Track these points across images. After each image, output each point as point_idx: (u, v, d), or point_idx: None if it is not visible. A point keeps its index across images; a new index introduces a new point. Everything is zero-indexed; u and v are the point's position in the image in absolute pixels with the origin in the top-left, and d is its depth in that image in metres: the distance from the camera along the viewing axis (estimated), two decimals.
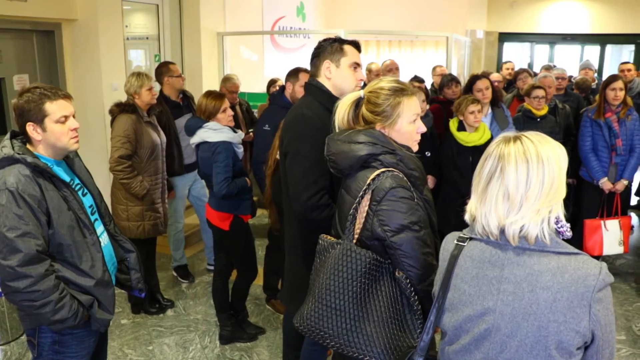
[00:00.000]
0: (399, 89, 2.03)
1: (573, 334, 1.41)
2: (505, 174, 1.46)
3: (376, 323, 1.84)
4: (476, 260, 1.53)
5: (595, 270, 1.41)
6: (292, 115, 2.55)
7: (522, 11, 11.66)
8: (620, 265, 5.56)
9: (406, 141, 2.06)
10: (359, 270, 1.83)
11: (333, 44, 2.54)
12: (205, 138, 3.68)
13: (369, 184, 1.89)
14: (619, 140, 4.72)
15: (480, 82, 4.65)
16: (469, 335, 1.53)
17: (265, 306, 4.54)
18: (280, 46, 9.54)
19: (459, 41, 8.84)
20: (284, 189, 2.62)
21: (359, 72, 2.59)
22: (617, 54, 12.09)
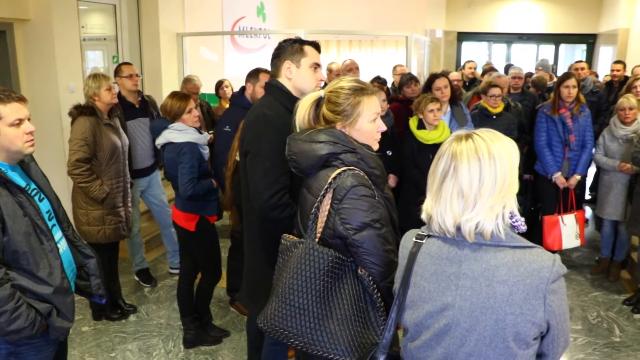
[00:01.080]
0: (359, 89, 2.04)
1: (529, 325, 1.45)
2: (459, 172, 1.49)
3: (340, 321, 1.85)
4: (434, 257, 1.56)
5: (549, 263, 1.45)
6: (253, 115, 2.54)
7: (479, 11, 11.89)
8: (576, 258, 5.73)
9: (367, 140, 2.07)
10: (321, 269, 1.84)
11: (293, 44, 2.55)
12: (171, 139, 3.65)
13: (330, 183, 1.90)
14: (572, 136, 4.86)
15: (439, 81, 4.71)
16: (430, 331, 1.55)
17: (229, 308, 4.51)
18: (240, 47, 9.50)
19: (419, 41, 8.95)
20: (244, 189, 2.61)
21: (319, 73, 2.60)
22: (570, 53, 12.43)
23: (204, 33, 7.81)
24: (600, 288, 5.04)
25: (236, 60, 9.24)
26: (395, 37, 10.58)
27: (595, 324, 4.39)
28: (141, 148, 4.72)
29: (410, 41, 7.08)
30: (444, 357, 1.53)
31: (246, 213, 2.69)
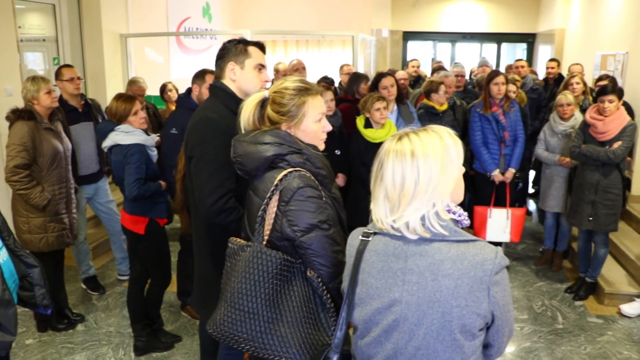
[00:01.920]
0: (303, 89, 2.03)
1: (475, 317, 1.48)
2: (384, 174, 1.52)
3: (290, 324, 1.84)
4: (381, 254, 1.57)
5: (491, 255, 1.48)
6: (197, 118, 2.51)
7: (424, 11, 12.10)
8: (522, 250, 5.91)
9: (312, 140, 2.07)
10: (270, 272, 1.83)
11: (237, 45, 2.52)
12: (117, 141, 3.58)
13: (277, 185, 1.89)
14: (506, 133, 5.01)
15: (386, 80, 4.76)
16: (379, 327, 1.57)
17: (180, 313, 4.45)
18: (186, 48, 9.37)
19: (365, 40, 9.03)
20: (190, 193, 2.58)
21: (264, 74, 2.58)
22: (511, 51, 12.81)
23: (148, 34, 7.67)
24: (544, 278, 5.22)
25: (182, 61, 9.11)
26: (341, 36, 10.65)
27: (540, 312, 4.54)
28: (85, 153, 4.59)
29: (357, 41, 7.14)
30: (394, 352, 1.55)
31: (194, 217, 2.66)
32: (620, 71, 6.66)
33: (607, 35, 7.55)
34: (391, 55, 11.78)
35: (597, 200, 4.48)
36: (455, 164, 1.53)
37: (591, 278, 4.82)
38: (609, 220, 4.51)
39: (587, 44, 8.63)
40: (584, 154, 4.49)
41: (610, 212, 4.49)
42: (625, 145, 4.36)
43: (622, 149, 4.35)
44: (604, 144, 4.44)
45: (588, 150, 4.46)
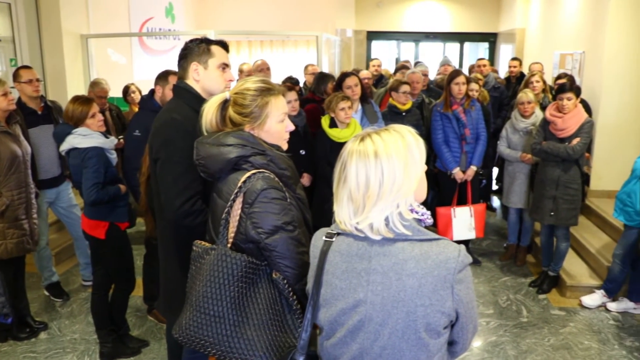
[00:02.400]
0: (265, 89, 2.02)
1: (439, 315, 1.50)
2: (348, 175, 1.51)
3: (256, 326, 1.83)
4: (344, 254, 1.57)
5: (454, 253, 1.49)
6: (161, 120, 2.47)
7: (388, 11, 12.18)
8: (487, 246, 6.01)
9: (276, 140, 2.06)
10: (235, 274, 1.81)
11: (200, 44, 2.49)
12: (75, 144, 3.52)
13: (240, 187, 1.88)
14: (467, 130, 5.08)
15: (350, 80, 4.78)
16: (344, 328, 1.57)
17: (147, 317, 4.39)
18: (149, 48, 9.25)
19: (329, 40, 9.07)
20: (156, 196, 2.54)
21: (227, 73, 2.56)
22: (474, 50, 13.00)
23: (110, 35, 7.55)
24: (509, 273, 5.32)
25: (145, 62, 8.99)
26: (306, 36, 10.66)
27: (505, 307, 4.63)
28: (46, 157, 4.49)
29: (321, 41, 7.16)
30: (359, 352, 1.55)
31: (159, 220, 2.62)
32: (578, 70, 6.82)
33: (565, 35, 7.72)
34: (355, 55, 11.84)
35: (558, 195, 4.59)
36: (418, 163, 1.54)
37: (554, 272, 4.93)
38: (570, 214, 4.63)
39: (546, 43, 8.81)
40: (545, 150, 4.59)
41: (570, 207, 4.61)
42: (584, 141, 4.48)
43: (581, 145, 4.47)
44: (564, 140, 4.55)
45: (548, 147, 4.56)
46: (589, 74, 6.54)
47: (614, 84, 6.08)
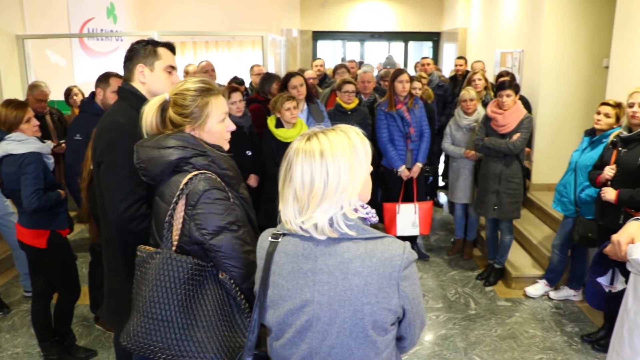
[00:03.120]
0: (205, 89, 2.01)
1: (386, 313, 1.51)
2: (293, 174, 1.50)
3: (206, 328, 1.82)
4: (290, 255, 1.56)
5: (399, 251, 1.51)
6: (106, 123, 2.41)
7: (333, 11, 12.26)
8: (434, 241, 6.13)
9: (217, 140, 2.05)
10: (181, 277, 1.80)
11: (146, 46, 2.45)
12: (10, 150, 3.39)
13: (182, 189, 1.86)
14: (411, 129, 5.17)
15: (295, 79, 4.78)
16: (293, 329, 1.57)
17: (94, 326, 4.27)
18: (91, 50, 9.01)
19: (275, 40, 9.04)
20: (99, 200, 2.48)
21: (174, 76, 2.52)
22: (418, 49, 13.23)
23: (48, 35, 7.30)
24: (456, 267, 5.44)
25: (87, 64, 8.74)
26: (251, 37, 10.60)
27: (454, 300, 4.73)
28: None
29: (266, 41, 7.14)
30: (309, 352, 1.55)
31: (103, 225, 2.56)
32: (518, 68, 7.04)
33: (505, 34, 7.95)
34: (301, 55, 11.87)
35: (501, 189, 4.72)
36: (363, 164, 1.54)
37: (499, 264, 5.07)
38: (512, 208, 4.77)
39: (487, 42, 9.04)
40: (487, 146, 4.72)
41: (513, 201, 4.74)
42: (524, 136, 4.62)
43: (521, 140, 4.61)
44: (504, 136, 4.68)
45: (490, 143, 4.69)
46: (528, 72, 6.76)
47: (552, 81, 6.31)
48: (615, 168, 3.67)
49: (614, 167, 3.68)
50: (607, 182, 3.71)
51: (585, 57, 6.24)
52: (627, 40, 4.45)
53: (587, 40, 6.20)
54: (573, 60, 6.26)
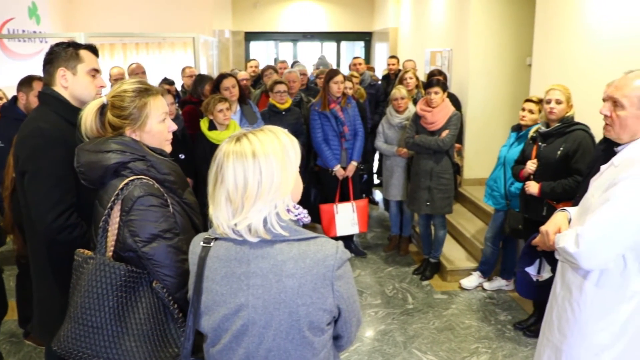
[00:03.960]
0: (143, 90, 1.98)
1: (321, 313, 1.52)
2: (225, 176, 1.49)
3: (136, 337, 1.78)
4: (223, 259, 1.55)
5: (332, 251, 1.52)
6: (28, 129, 2.31)
7: (265, 11, 12.21)
8: (371, 238, 6.21)
9: (159, 142, 2.02)
10: (114, 284, 1.76)
11: (67, 49, 2.37)
12: None
13: (118, 194, 1.82)
14: (345, 127, 5.22)
15: (227, 81, 4.74)
16: (229, 334, 1.55)
17: (24, 342, 4.08)
18: (12, 52, 8.61)
19: (207, 41, 8.93)
20: (25, 210, 2.37)
21: (98, 79, 2.45)
22: (350, 49, 13.38)
23: None
24: (393, 263, 5.53)
25: (8, 67, 8.35)
26: (182, 38, 10.42)
27: (391, 296, 4.81)
28: None
29: (198, 42, 7.03)
30: (246, 356, 1.54)
31: (30, 237, 2.45)
32: (447, 66, 7.23)
33: (434, 34, 8.15)
34: (234, 56, 11.77)
35: (432, 185, 4.83)
36: (293, 163, 1.55)
37: (434, 258, 5.20)
38: (444, 203, 4.90)
39: (417, 41, 9.24)
40: (417, 143, 4.82)
41: (444, 196, 4.87)
42: (452, 133, 4.75)
43: (450, 137, 4.74)
44: (434, 133, 4.80)
45: (420, 140, 4.79)
46: (457, 70, 6.96)
47: (479, 79, 6.53)
48: (536, 162, 3.84)
49: (535, 162, 3.85)
50: (529, 176, 3.88)
51: (510, 56, 6.49)
52: (547, 40, 4.66)
53: (511, 39, 6.45)
54: (499, 58, 6.50)
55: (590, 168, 2.93)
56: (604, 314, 2.13)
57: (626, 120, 2.08)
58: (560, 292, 2.30)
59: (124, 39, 10.68)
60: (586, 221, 2.03)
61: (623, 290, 2.08)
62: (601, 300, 2.12)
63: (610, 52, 3.82)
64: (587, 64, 4.10)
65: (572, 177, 3.61)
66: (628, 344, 2.13)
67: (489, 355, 3.87)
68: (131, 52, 11.06)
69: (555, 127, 3.74)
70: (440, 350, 3.92)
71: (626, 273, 2.06)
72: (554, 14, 4.55)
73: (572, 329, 2.21)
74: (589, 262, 2.02)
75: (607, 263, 2.04)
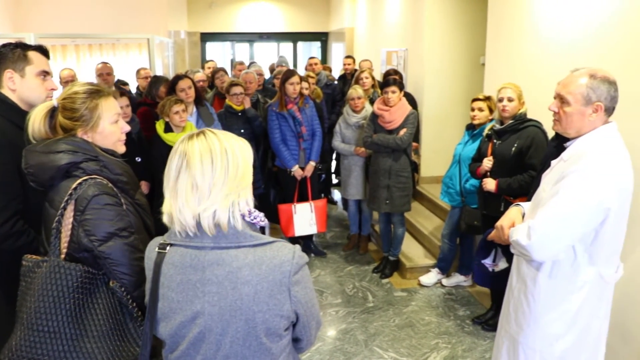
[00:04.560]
0: (94, 91, 1.94)
1: (279, 319, 1.52)
2: (191, 165, 1.48)
3: (96, 338, 1.76)
4: (178, 266, 1.54)
5: (288, 256, 1.51)
6: None
7: (221, 12, 12.12)
8: (330, 238, 6.23)
9: (112, 144, 1.99)
10: (70, 286, 1.72)
11: (14, 50, 2.31)
12: None
13: (71, 194, 1.79)
14: (303, 128, 5.22)
15: (183, 82, 4.69)
16: (186, 341, 1.54)
17: None
18: None
19: (162, 42, 8.81)
20: None
21: (48, 82, 2.39)
22: (307, 49, 13.40)
23: None
24: (353, 262, 5.55)
25: None
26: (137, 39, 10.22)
27: (352, 294, 4.83)
28: None
29: (153, 43, 6.94)
30: None
31: None
32: (403, 66, 7.31)
33: (390, 34, 8.23)
34: (190, 57, 11.64)
35: (391, 184, 4.88)
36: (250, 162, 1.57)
37: (393, 256, 5.25)
38: (403, 201, 4.94)
39: (373, 41, 9.31)
40: (376, 142, 4.86)
41: (403, 194, 4.92)
42: (410, 131, 4.81)
43: (407, 135, 4.79)
44: (392, 132, 4.84)
45: (379, 139, 4.83)
46: (412, 70, 7.05)
47: (434, 78, 6.62)
48: (492, 159, 3.92)
49: (491, 159, 3.93)
50: (486, 173, 3.95)
51: (464, 55, 6.61)
52: (500, 39, 4.76)
53: (465, 39, 6.57)
54: (453, 58, 6.61)
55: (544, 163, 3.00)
56: (556, 304, 2.19)
57: (572, 116, 2.17)
58: (516, 285, 2.36)
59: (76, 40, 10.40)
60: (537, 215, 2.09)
61: (574, 280, 2.15)
62: (554, 291, 2.19)
63: (558, 52, 3.92)
64: (536, 63, 4.20)
65: (527, 172, 3.69)
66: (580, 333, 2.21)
67: (449, 350, 3.93)
68: (84, 54, 10.77)
69: (509, 124, 3.82)
70: (401, 347, 3.96)
71: (576, 264, 2.13)
72: (505, 15, 4.65)
73: (527, 320, 2.27)
74: (540, 253, 2.08)
75: (558, 254, 2.11)
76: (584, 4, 3.60)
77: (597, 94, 2.10)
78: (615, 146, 2.11)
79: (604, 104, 2.11)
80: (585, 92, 2.11)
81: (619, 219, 2.12)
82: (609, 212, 2.04)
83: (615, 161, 2.06)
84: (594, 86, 2.10)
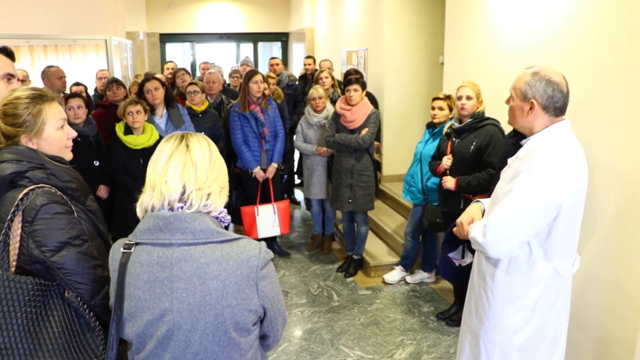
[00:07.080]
0: (37, 96, 1.88)
1: (247, 314, 1.53)
2: (191, 147, 1.56)
3: (51, 352, 1.70)
4: (145, 264, 1.53)
5: (255, 252, 1.54)
6: None
7: (180, 12, 11.99)
8: (294, 238, 6.23)
9: (58, 150, 1.93)
10: (22, 300, 1.66)
11: None
12: None
13: (18, 205, 1.72)
14: (265, 129, 5.20)
15: (149, 84, 4.64)
16: (154, 340, 1.53)
17: None
18: None
19: (120, 44, 8.66)
20: None
21: (14, 84, 2.28)
22: (268, 50, 13.37)
23: None
24: (317, 262, 5.57)
25: None
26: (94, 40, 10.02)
27: (317, 294, 4.84)
28: None
29: (110, 44, 6.82)
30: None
31: None
32: (363, 65, 7.36)
33: (350, 34, 8.27)
34: (149, 58, 11.48)
35: (354, 183, 4.91)
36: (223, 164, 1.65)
37: (357, 255, 5.28)
38: (366, 200, 4.98)
39: (333, 41, 9.34)
40: (338, 142, 4.88)
41: (366, 193, 4.95)
42: (372, 131, 4.84)
43: (369, 134, 4.82)
44: (354, 131, 4.87)
45: (341, 139, 4.85)
46: (373, 69, 7.10)
47: (394, 77, 6.68)
48: (451, 157, 3.98)
49: (451, 157, 3.98)
50: (446, 172, 4.01)
51: (423, 54, 6.69)
52: (457, 39, 4.83)
53: (424, 38, 6.65)
54: (413, 57, 6.68)
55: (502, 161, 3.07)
56: (514, 299, 2.24)
57: (513, 111, 2.25)
58: (477, 280, 2.40)
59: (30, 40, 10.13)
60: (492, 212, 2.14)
61: (530, 275, 2.20)
62: (511, 286, 2.24)
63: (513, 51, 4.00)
64: (493, 62, 4.27)
65: (486, 170, 3.75)
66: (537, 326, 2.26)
67: (414, 346, 3.97)
68: (39, 55, 10.50)
69: (467, 122, 3.89)
70: (367, 345, 3.99)
71: (532, 259, 2.19)
72: (462, 14, 4.72)
73: (487, 315, 2.31)
74: (495, 250, 2.13)
75: (513, 251, 2.15)
76: (538, 5, 3.69)
77: (532, 91, 2.14)
78: (567, 143, 2.17)
79: (539, 102, 2.15)
80: (523, 89, 2.16)
81: (572, 215, 2.17)
82: (561, 208, 2.08)
83: (566, 158, 2.11)
84: (531, 83, 2.14)
